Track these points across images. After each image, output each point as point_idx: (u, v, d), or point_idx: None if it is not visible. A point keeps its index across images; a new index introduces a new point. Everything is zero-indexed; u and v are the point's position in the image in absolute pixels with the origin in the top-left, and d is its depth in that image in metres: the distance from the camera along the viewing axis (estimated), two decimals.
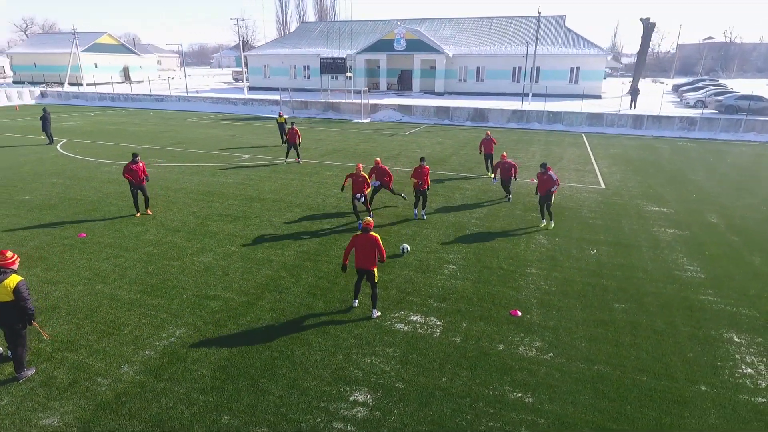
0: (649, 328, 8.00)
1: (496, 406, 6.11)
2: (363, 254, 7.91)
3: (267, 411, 5.94)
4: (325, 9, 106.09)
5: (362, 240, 7.89)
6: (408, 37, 48.16)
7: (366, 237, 7.88)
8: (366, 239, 7.87)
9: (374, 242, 7.87)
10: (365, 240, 7.87)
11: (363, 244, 7.89)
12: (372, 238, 7.88)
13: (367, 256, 7.90)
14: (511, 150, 24.50)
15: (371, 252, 7.88)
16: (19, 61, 68.12)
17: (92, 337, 7.46)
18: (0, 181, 16.82)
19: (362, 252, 7.90)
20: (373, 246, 7.86)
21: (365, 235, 7.89)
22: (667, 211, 14.46)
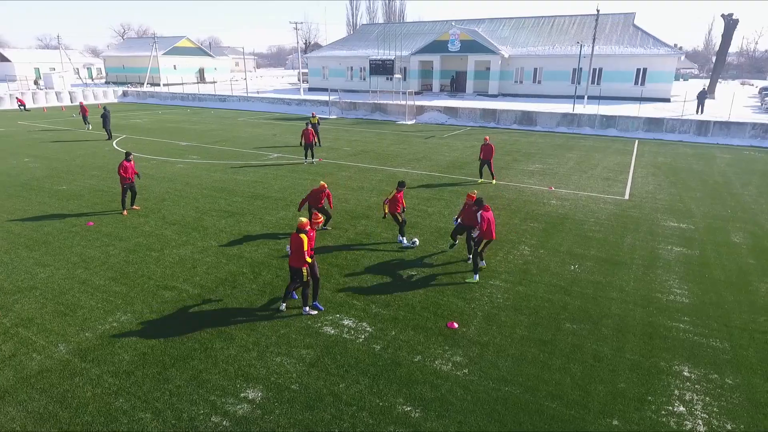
0: (590, 352, 7.43)
1: (378, 417, 6.01)
2: (293, 253, 8.09)
3: (159, 398, 6.27)
4: (393, 10, 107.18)
5: (294, 239, 8.06)
6: (463, 38, 47.43)
7: (296, 237, 8.03)
8: (296, 239, 8.01)
9: (300, 243, 7.96)
10: (295, 239, 8.02)
11: (293, 243, 8.06)
12: (300, 239, 7.99)
13: (296, 255, 8.05)
14: (546, 155, 23.45)
15: (299, 251, 8.00)
16: (111, 64, 75.40)
17: (49, 316, 8.24)
18: (48, 172, 18.86)
19: (293, 250, 8.09)
20: (298, 246, 7.97)
21: (296, 235, 8.04)
22: (685, 227, 13.21)
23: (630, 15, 47.12)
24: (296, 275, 8.21)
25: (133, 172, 13.68)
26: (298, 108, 44.77)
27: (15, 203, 14.70)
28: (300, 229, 8.08)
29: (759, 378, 6.88)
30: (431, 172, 19.73)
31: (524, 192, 16.73)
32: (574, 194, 16.53)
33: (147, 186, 16.72)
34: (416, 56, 50.61)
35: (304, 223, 8.15)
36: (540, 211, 14.55)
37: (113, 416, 5.95)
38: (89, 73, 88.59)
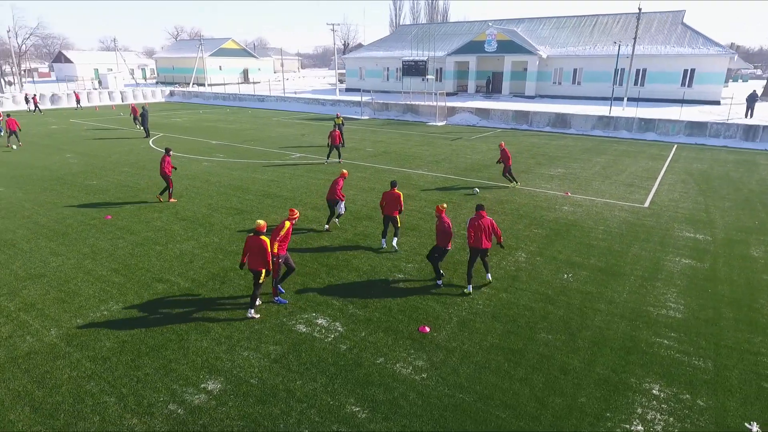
0: (558, 364, 7.25)
1: (325, 415, 6.14)
2: (251, 255, 8.16)
3: (126, 384, 6.66)
4: (436, 10, 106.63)
5: (252, 242, 8.13)
6: (500, 38, 46.64)
7: (255, 239, 8.08)
8: (255, 241, 8.07)
9: (259, 245, 8.04)
10: (254, 242, 8.09)
11: (251, 246, 8.14)
12: (257, 241, 8.05)
13: (254, 257, 8.12)
14: (573, 159, 22.77)
15: (258, 253, 8.07)
16: (162, 64, 79.22)
17: (49, 303, 8.88)
18: (84, 167, 20.13)
19: (252, 253, 8.15)
20: (259, 248, 8.05)
21: (255, 237, 8.09)
22: (701, 239, 12.54)
23: (679, 13, 44.81)
24: (255, 277, 8.21)
25: (170, 166, 15.10)
26: (332, 108, 45.44)
27: (47, 196, 15.83)
28: (258, 231, 8.13)
29: (734, 401, 6.50)
30: (448, 174, 19.61)
31: (537, 197, 16.35)
32: (590, 200, 16.00)
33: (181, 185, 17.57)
34: (452, 57, 50.20)
35: (261, 225, 8.16)
36: (548, 217, 14.20)
37: (80, 398, 6.39)
38: (143, 73, 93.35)
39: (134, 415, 6.09)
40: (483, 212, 9.32)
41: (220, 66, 73.50)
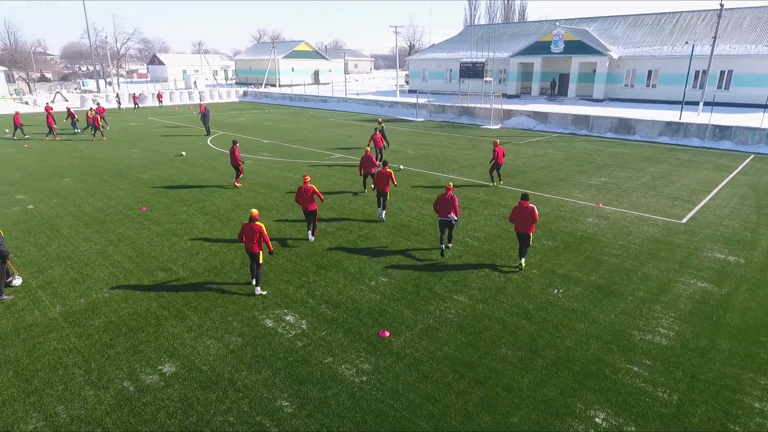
0: (505, 381, 7.04)
1: (255, 406, 6.46)
2: (248, 240, 9.23)
3: (97, 360, 7.43)
4: (512, 9, 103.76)
5: (247, 228, 9.23)
6: (567, 38, 44.57)
7: (250, 226, 9.18)
8: (250, 228, 9.18)
9: (257, 230, 9.19)
10: (249, 228, 9.20)
11: (247, 232, 9.22)
12: (255, 227, 9.17)
13: (251, 241, 9.19)
14: (623, 168, 21.39)
15: (253, 238, 9.17)
16: (240, 66, 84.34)
17: (65, 282, 10.03)
18: (143, 162, 22.14)
19: (248, 238, 9.23)
20: (254, 233, 9.17)
21: (250, 224, 9.18)
22: (732, 261, 11.39)
23: None
24: (254, 259, 9.44)
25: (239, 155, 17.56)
26: (390, 110, 45.96)
27: (101, 187, 17.67)
28: (251, 218, 9.21)
29: None
30: (479, 180, 19.23)
31: (564, 207, 15.62)
32: (621, 213, 15.02)
33: (208, 178, 18.88)
34: (516, 58, 48.74)
35: (255, 213, 9.27)
36: (565, 228, 13.55)
37: (55, 368, 7.23)
38: (225, 74, 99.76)
39: (92, 387, 6.81)
40: (526, 202, 10.41)
41: (292, 68, 76.85)
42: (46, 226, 13.38)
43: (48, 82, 70.66)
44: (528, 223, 10.37)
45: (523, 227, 10.45)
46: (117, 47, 71.68)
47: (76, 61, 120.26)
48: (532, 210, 10.33)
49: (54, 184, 18.09)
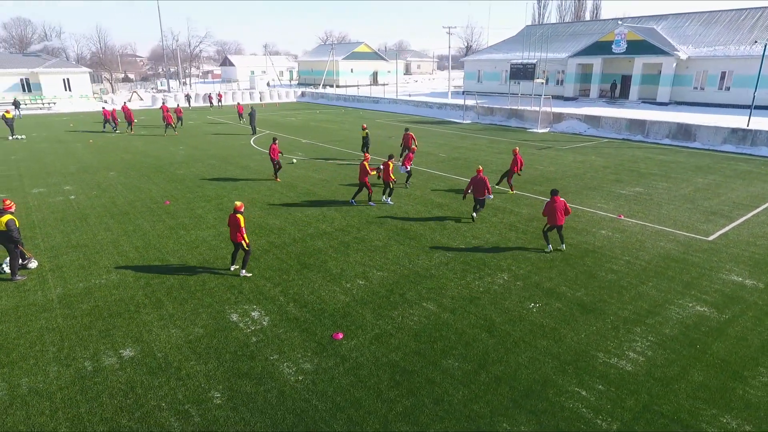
0: (437, 393, 6.91)
1: (189, 395, 6.82)
2: (231, 230, 10.11)
3: (73, 339, 8.15)
4: (583, 8, 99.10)
5: (230, 219, 10.09)
6: (630, 37, 41.97)
7: (232, 216, 10.02)
8: (232, 218, 10.02)
9: (235, 222, 9.97)
10: (231, 219, 10.05)
11: (230, 222, 10.10)
12: (234, 218, 9.99)
13: (233, 231, 10.06)
14: (664, 178, 19.94)
15: (234, 228, 10.00)
16: (303, 67, 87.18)
17: (73, 267, 11.04)
18: (184, 158, 23.64)
19: (230, 228, 10.12)
20: (235, 224, 9.97)
21: (232, 215, 10.03)
22: (748, 285, 10.35)
23: None
24: (238, 247, 10.33)
25: (277, 152, 18.68)
26: (439, 112, 45.65)
27: (139, 181, 19.13)
28: (234, 210, 10.03)
29: None
30: (502, 187, 18.68)
31: (580, 218, 14.85)
32: (642, 226, 14.05)
33: (237, 176, 19.85)
34: (574, 59, 46.60)
35: (238, 205, 10.03)
36: (572, 240, 12.90)
37: (34, 343, 8.04)
38: (290, 75, 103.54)
39: (57, 364, 7.50)
40: (557, 197, 11.69)
41: (351, 69, 78.35)
42: (77, 216, 14.75)
43: (130, 82, 77.10)
44: (560, 216, 11.67)
45: (554, 220, 11.75)
46: (190, 50, 77.20)
47: (159, 63, 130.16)
48: (563, 204, 11.70)
49: (100, 177, 19.83)
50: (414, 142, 21.85)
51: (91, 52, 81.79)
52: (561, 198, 11.87)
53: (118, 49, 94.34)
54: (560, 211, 11.65)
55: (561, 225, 11.84)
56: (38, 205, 15.87)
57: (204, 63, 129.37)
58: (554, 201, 11.67)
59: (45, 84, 52.66)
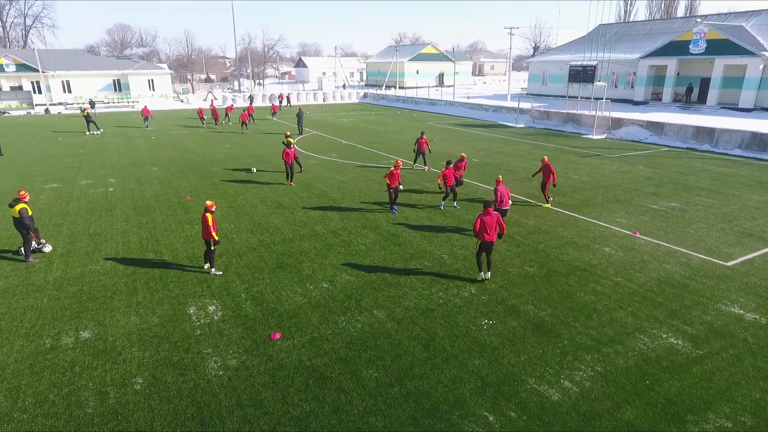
0: (340, 402, 6.91)
1: (113, 379, 7.38)
2: (202, 228, 10.63)
3: (47, 317, 9.09)
4: (674, 6, 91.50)
5: (202, 217, 10.60)
6: (710, 36, 38.21)
7: (203, 215, 10.54)
8: (202, 217, 10.56)
9: (204, 221, 10.51)
10: (202, 218, 10.58)
11: (202, 221, 10.61)
12: (203, 217, 10.53)
13: (204, 231, 10.59)
14: (714, 193, 18.10)
15: (206, 228, 10.52)
16: (371, 69, 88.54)
17: (79, 254, 12.24)
18: (224, 156, 25.09)
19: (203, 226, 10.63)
20: (205, 224, 10.52)
21: (203, 214, 10.55)
22: (749, 319, 9.22)
23: None
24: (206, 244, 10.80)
25: (293, 156, 18.78)
26: (493, 114, 44.50)
27: (173, 177, 20.65)
28: (207, 209, 10.53)
29: None
30: (526, 197, 17.86)
31: (589, 232, 13.92)
32: (655, 245, 12.91)
33: (262, 176, 20.79)
34: (646, 60, 43.23)
35: (209, 205, 10.54)
36: (566, 256, 12.16)
37: (14, 319, 9.07)
38: (361, 76, 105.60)
39: (24, 340, 8.43)
40: (490, 209, 10.37)
41: (417, 70, 78.40)
42: (106, 207, 16.28)
43: (210, 82, 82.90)
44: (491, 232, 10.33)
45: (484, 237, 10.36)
46: (264, 52, 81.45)
47: (243, 64, 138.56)
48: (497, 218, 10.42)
49: (143, 171, 21.67)
50: (428, 147, 21.61)
51: (179, 54, 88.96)
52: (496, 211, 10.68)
53: (204, 52, 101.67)
54: (492, 227, 10.28)
55: (492, 243, 10.44)
56: (79, 195, 17.72)
57: (284, 64, 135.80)
58: (487, 213, 10.32)
59: (132, 84, 58.15)
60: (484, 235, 10.28)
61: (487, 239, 10.32)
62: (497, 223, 10.38)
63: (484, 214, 10.30)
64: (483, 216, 10.29)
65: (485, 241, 10.37)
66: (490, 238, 10.31)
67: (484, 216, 10.27)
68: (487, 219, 10.25)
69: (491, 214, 10.30)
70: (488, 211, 10.30)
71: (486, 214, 10.28)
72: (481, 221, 10.26)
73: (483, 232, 10.27)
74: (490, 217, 10.28)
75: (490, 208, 10.33)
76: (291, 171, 19.03)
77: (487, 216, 10.26)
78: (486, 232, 10.25)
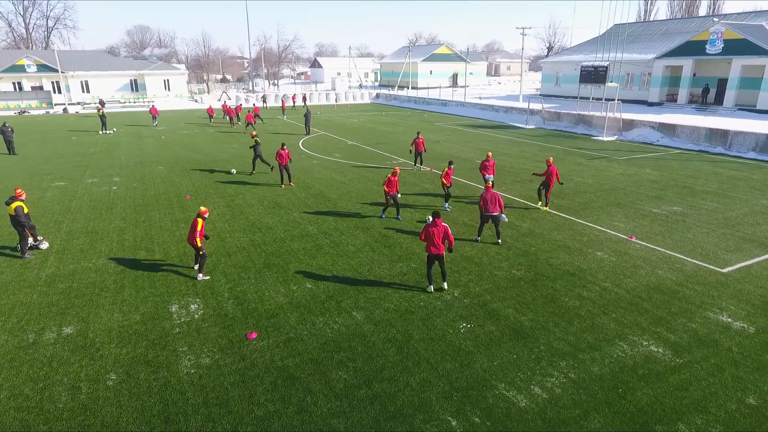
0: (306, 403, 6.94)
1: (87, 373, 7.52)
2: (190, 232, 10.71)
3: (33, 313, 9.30)
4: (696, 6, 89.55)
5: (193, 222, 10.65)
6: (728, 36, 37.27)
7: (195, 220, 10.60)
8: (193, 221, 10.62)
9: (193, 225, 10.56)
10: (194, 222, 10.62)
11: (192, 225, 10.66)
12: (193, 221, 10.57)
13: (190, 234, 10.64)
14: (721, 196, 17.69)
15: (192, 232, 10.55)
16: (384, 69, 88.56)
17: (75, 251, 12.51)
18: (228, 156, 25.36)
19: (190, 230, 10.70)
20: (193, 228, 10.55)
21: (195, 219, 10.62)
22: (736, 328, 8.98)
23: None
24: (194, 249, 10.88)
25: (287, 157, 18.43)
26: (504, 115, 44.13)
27: (176, 176, 20.96)
28: (199, 215, 10.65)
29: None
30: (524, 199, 17.73)
31: (583, 236, 13.71)
32: (650, 250, 12.66)
33: (262, 176, 20.98)
34: (661, 60, 42.37)
35: (202, 211, 10.66)
36: (556, 260, 12.00)
37: (4, 313, 9.31)
38: (375, 77, 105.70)
39: (7, 334, 8.65)
40: (439, 219, 9.89)
41: (430, 71, 78.15)
42: (106, 205, 16.61)
43: (226, 82, 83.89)
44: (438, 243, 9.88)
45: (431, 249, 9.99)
46: (279, 52, 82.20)
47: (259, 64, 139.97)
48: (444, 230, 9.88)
49: (148, 170, 22.05)
50: (423, 147, 21.59)
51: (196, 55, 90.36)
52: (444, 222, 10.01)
53: (222, 52, 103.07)
54: (439, 238, 9.76)
55: (441, 255, 9.96)
56: (83, 193, 18.12)
57: (301, 64, 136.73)
58: (435, 224, 9.81)
59: (149, 84, 59.21)
60: (430, 247, 9.88)
61: (433, 252, 9.90)
62: (445, 236, 9.86)
63: (432, 225, 9.85)
64: (430, 227, 9.84)
65: (431, 254, 9.97)
66: (437, 251, 9.88)
67: (431, 227, 9.82)
68: (434, 230, 9.77)
69: (439, 225, 9.83)
70: (436, 222, 9.85)
71: (433, 225, 9.83)
72: (426, 232, 9.85)
73: (429, 245, 9.87)
74: (437, 229, 9.78)
75: (438, 219, 9.88)
76: (288, 172, 18.87)
77: (434, 227, 9.80)
78: (432, 244, 9.83)
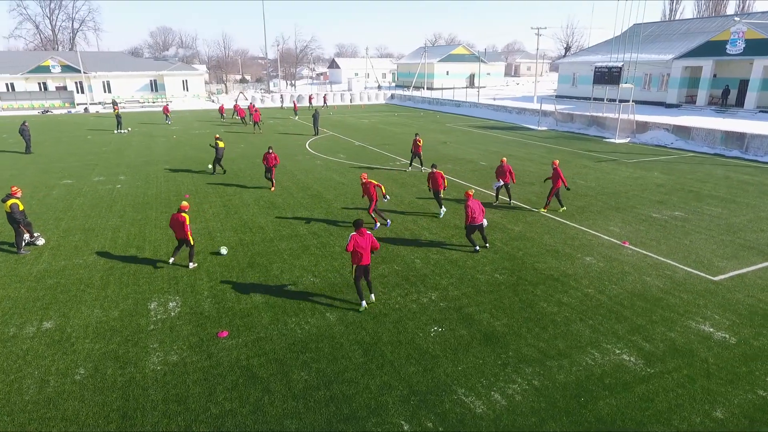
0: (262, 404, 7.00)
1: (60, 368, 7.73)
2: (176, 228, 11.11)
3: (18, 307, 9.61)
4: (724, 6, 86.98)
5: (174, 218, 11.04)
6: (749, 36, 36.09)
7: (176, 216, 10.96)
8: (175, 217, 10.97)
9: (180, 221, 10.96)
10: (175, 218, 11.01)
11: (174, 221, 11.03)
12: (178, 217, 10.94)
13: (178, 230, 11.03)
14: (729, 202, 17.19)
15: (180, 228, 10.98)
16: (401, 69, 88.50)
17: (69, 247, 12.86)
18: (235, 156, 25.70)
19: (175, 228, 11.10)
20: (179, 224, 10.96)
21: (175, 215, 10.99)
22: (717, 339, 8.71)
23: None
24: (180, 243, 11.39)
25: (273, 161, 18.41)
26: (517, 117, 43.66)
27: (179, 176, 21.35)
28: (181, 210, 11.04)
29: None
30: (521, 203, 17.52)
31: (574, 241, 13.47)
32: (642, 256, 12.37)
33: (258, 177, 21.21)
34: (680, 61, 41.28)
35: (184, 206, 11.09)
36: (541, 265, 11.82)
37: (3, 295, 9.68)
38: (393, 77, 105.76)
39: None
40: (363, 229, 9.45)
41: (447, 71, 77.79)
42: (107, 203, 17.03)
43: (245, 83, 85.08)
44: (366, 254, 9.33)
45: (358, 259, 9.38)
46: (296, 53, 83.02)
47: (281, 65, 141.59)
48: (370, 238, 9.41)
49: (154, 169, 22.52)
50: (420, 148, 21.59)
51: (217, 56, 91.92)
52: (368, 231, 9.46)
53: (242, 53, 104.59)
54: (366, 249, 9.28)
55: (369, 266, 9.49)
56: (87, 191, 18.62)
57: (321, 65, 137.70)
58: (360, 234, 9.26)
59: (168, 84, 60.46)
60: (359, 258, 9.31)
61: (363, 263, 9.38)
62: (371, 244, 9.40)
63: (357, 235, 9.27)
64: (356, 236, 9.26)
65: (360, 265, 9.39)
66: (366, 261, 9.38)
67: (358, 237, 9.25)
68: (361, 240, 9.24)
69: (364, 234, 9.32)
70: (361, 232, 9.31)
71: (359, 235, 9.28)
72: (354, 242, 9.22)
73: (356, 256, 9.31)
74: (363, 239, 9.27)
75: (363, 228, 9.36)
76: (272, 176, 18.55)
77: (360, 237, 9.25)
78: (360, 255, 9.29)
